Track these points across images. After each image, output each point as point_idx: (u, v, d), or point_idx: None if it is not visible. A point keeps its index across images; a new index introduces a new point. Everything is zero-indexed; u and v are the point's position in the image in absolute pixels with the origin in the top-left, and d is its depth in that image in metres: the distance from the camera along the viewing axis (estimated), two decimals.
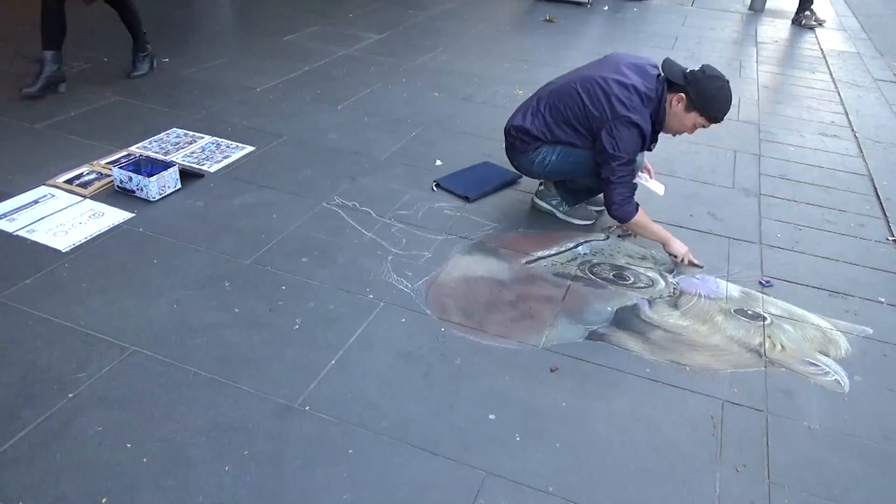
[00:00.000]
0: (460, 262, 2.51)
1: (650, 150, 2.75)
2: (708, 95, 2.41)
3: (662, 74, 2.50)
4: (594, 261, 2.58)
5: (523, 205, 2.91)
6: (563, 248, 2.65)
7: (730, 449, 1.81)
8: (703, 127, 2.53)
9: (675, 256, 2.59)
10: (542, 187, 2.88)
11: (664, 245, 2.61)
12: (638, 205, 2.57)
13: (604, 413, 1.89)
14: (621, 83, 2.47)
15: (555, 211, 2.84)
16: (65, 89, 3.63)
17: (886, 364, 2.18)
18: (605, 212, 2.69)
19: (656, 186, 2.80)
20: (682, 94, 2.44)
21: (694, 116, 2.47)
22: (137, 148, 3.13)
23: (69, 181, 2.80)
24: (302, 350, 2.02)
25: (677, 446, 1.81)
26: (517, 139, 2.69)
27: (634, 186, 2.56)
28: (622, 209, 2.54)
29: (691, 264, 2.58)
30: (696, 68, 2.47)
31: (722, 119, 2.49)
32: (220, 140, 3.27)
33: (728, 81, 2.45)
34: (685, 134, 2.61)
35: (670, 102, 2.48)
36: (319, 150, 3.27)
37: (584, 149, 2.58)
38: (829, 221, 3.02)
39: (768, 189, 3.27)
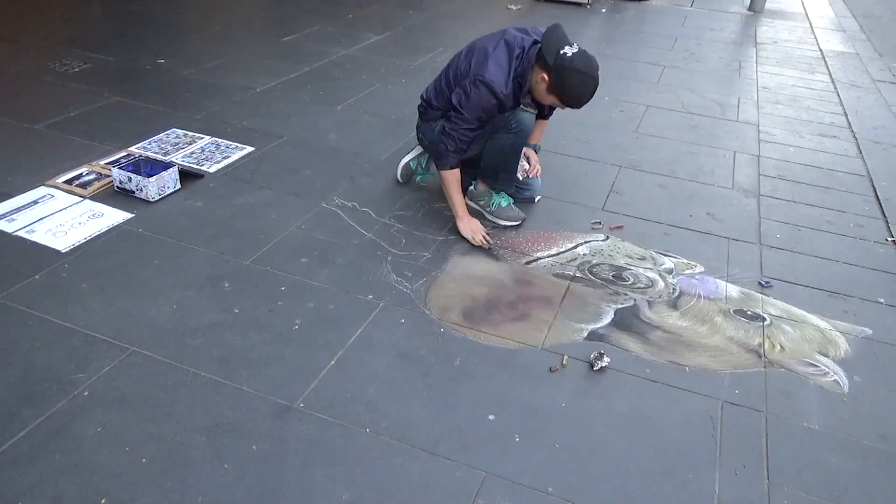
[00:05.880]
0: (460, 262, 2.51)
1: (545, 116, 2.87)
2: (567, 86, 2.36)
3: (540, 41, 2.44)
4: (593, 261, 2.58)
5: (523, 205, 2.91)
6: (562, 249, 2.65)
7: (729, 449, 1.81)
8: (563, 107, 2.55)
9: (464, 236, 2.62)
10: (472, 187, 2.85)
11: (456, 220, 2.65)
12: (458, 166, 2.58)
13: (603, 413, 1.90)
14: (498, 45, 2.49)
15: (483, 211, 2.83)
16: None
17: (885, 364, 2.18)
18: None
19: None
20: (545, 75, 2.39)
21: (553, 99, 2.46)
22: (137, 148, 3.13)
23: (69, 181, 2.80)
24: (301, 350, 2.02)
25: (677, 447, 1.81)
26: (423, 108, 2.75)
27: (464, 149, 2.54)
28: (439, 156, 2.58)
29: (480, 244, 2.60)
30: (572, 52, 2.33)
31: (580, 107, 2.45)
32: (219, 140, 3.27)
33: (595, 76, 2.35)
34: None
35: (535, 76, 2.43)
36: (319, 150, 3.27)
37: None
38: (829, 222, 3.02)
39: (767, 190, 3.27)
